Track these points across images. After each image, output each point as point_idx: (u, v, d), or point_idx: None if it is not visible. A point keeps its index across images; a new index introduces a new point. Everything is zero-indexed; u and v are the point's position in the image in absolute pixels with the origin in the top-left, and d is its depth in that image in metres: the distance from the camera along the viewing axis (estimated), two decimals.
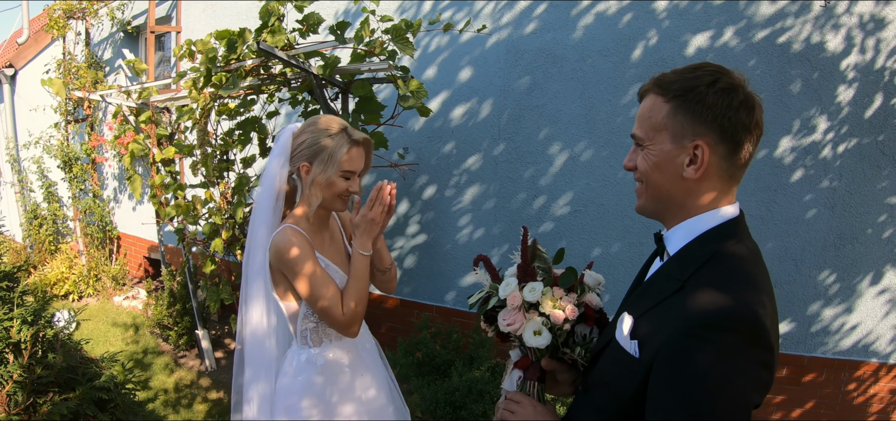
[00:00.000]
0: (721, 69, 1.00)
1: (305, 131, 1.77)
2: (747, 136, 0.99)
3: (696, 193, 1.02)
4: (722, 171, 1.01)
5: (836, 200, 3.29)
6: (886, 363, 3.37)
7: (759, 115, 1.00)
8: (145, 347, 4.60)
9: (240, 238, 3.67)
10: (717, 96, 0.97)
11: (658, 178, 1.04)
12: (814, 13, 3.19)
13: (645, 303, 1.05)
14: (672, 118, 1.00)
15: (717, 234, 1.01)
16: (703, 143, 0.98)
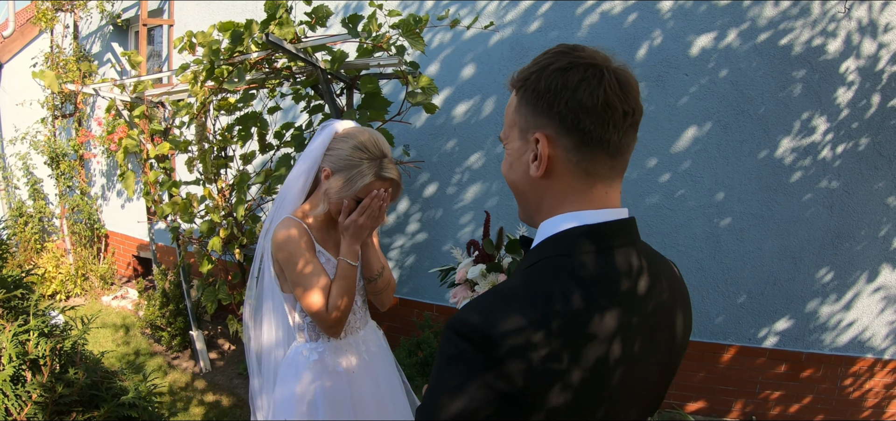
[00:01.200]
0: (569, 48, 0.82)
1: (348, 138, 1.68)
2: (596, 121, 0.78)
3: (547, 194, 0.85)
4: (572, 166, 0.82)
5: (835, 200, 3.26)
6: (881, 359, 3.36)
7: (613, 95, 0.78)
8: (137, 348, 4.36)
9: (238, 236, 3.49)
10: (551, 79, 0.79)
11: (512, 178, 0.90)
12: (814, 16, 3.16)
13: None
14: (517, 111, 0.86)
15: (556, 240, 0.82)
16: (541, 135, 0.81)
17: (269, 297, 1.81)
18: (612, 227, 0.83)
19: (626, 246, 0.83)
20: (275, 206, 1.81)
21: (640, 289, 0.82)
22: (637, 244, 0.86)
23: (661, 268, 0.90)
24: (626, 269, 0.82)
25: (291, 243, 1.63)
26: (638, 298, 0.81)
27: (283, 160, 3.11)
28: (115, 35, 5.80)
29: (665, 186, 3.40)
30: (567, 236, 0.81)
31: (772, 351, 3.42)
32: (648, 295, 0.84)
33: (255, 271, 1.90)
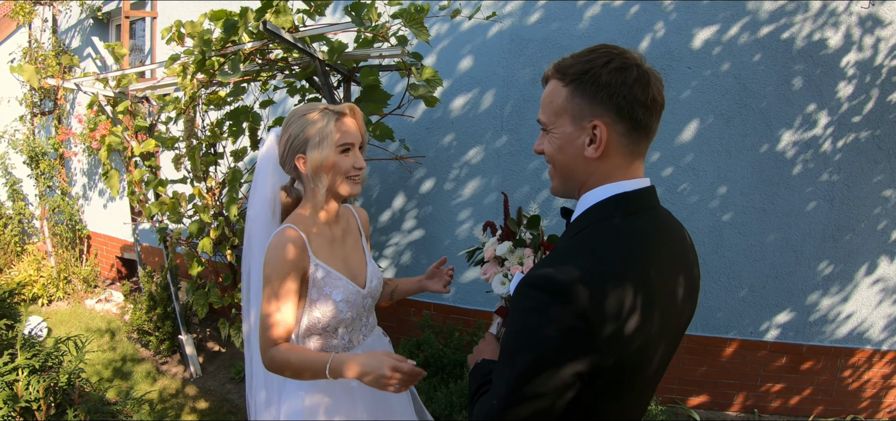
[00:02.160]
0: (614, 49, 0.97)
1: (288, 127, 1.52)
2: (644, 112, 0.96)
3: (597, 171, 1.00)
4: (622, 148, 0.98)
5: (835, 193, 3.16)
6: (880, 349, 3.29)
7: (657, 90, 0.96)
8: (123, 353, 4.08)
9: (230, 237, 3.24)
10: (611, 75, 0.94)
11: (562, 159, 1.02)
12: (815, 10, 3.05)
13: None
14: (571, 101, 0.98)
15: (599, 207, 0.99)
16: (600, 123, 0.96)
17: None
18: (641, 194, 1.00)
19: (651, 208, 1.02)
20: (245, 243, 1.64)
21: (665, 243, 1.00)
22: (659, 207, 1.05)
23: (678, 228, 1.08)
24: (654, 226, 1.00)
25: (276, 260, 1.45)
26: (663, 251, 0.98)
27: None
28: (96, 29, 5.44)
29: (668, 181, 3.27)
30: (608, 204, 0.98)
31: (773, 344, 3.32)
32: (671, 249, 1.01)
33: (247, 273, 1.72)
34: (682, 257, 1.04)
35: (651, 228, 0.99)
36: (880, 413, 3.38)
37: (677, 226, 1.08)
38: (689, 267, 1.05)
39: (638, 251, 0.94)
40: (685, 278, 1.02)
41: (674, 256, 1.01)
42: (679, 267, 1.02)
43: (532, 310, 0.89)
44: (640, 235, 0.96)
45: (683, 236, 1.08)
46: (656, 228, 1.00)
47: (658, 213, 1.03)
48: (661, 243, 0.99)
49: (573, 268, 0.89)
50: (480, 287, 3.60)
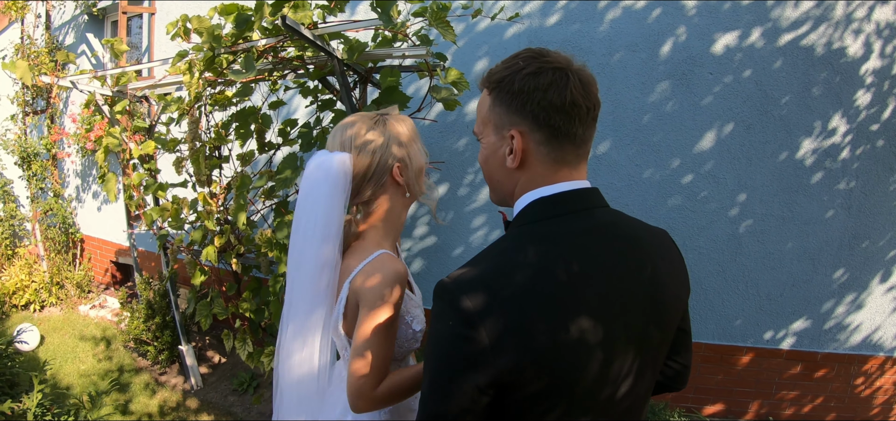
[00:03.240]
0: (537, 53, 0.87)
1: (368, 143, 1.23)
2: (563, 118, 0.85)
3: (520, 181, 0.91)
4: (543, 157, 0.88)
5: (852, 201, 3.00)
6: (892, 356, 3.14)
7: (577, 94, 0.84)
8: (120, 363, 3.73)
9: (235, 245, 2.94)
10: (524, 81, 0.85)
11: (488, 170, 0.96)
12: (837, 18, 2.88)
13: None
14: (492, 110, 0.90)
15: (521, 215, 0.90)
16: (516, 132, 0.87)
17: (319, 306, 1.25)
18: (566, 195, 0.88)
19: (584, 210, 0.88)
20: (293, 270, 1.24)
21: (600, 243, 0.85)
22: (597, 208, 0.89)
23: (628, 228, 0.90)
24: (583, 227, 0.86)
25: (387, 292, 1.16)
26: (594, 251, 0.84)
27: (289, 160, 2.59)
28: (91, 25, 5.03)
29: (687, 188, 3.07)
30: (530, 209, 0.88)
31: (788, 352, 3.15)
32: (609, 248, 0.85)
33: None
34: (628, 257, 0.87)
35: (579, 229, 0.85)
36: (890, 419, 3.24)
37: (634, 227, 0.92)
38: (639, 267, 0.87)
39: (552, 252, 0.82)
40: (635, 281, 0.86)
41: (612, 256, 0.85)
42: (621, 268, 0.85)
43: (435, 317, 0.82)
44: (559, 237, 0.84)
45: (642, 238, 0.91)
46: (587, 228, 0.86)
47: (593, 214, 0.88)
48: (593, 243, 0.84)
49: (470, 275, 0.81)
50: None
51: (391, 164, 1.22)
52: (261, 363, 2.92)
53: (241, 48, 2.33)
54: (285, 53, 2.55)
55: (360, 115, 1.27)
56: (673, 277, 0.93)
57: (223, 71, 2.55)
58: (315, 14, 2.22)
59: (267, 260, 2.73)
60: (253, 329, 3.00)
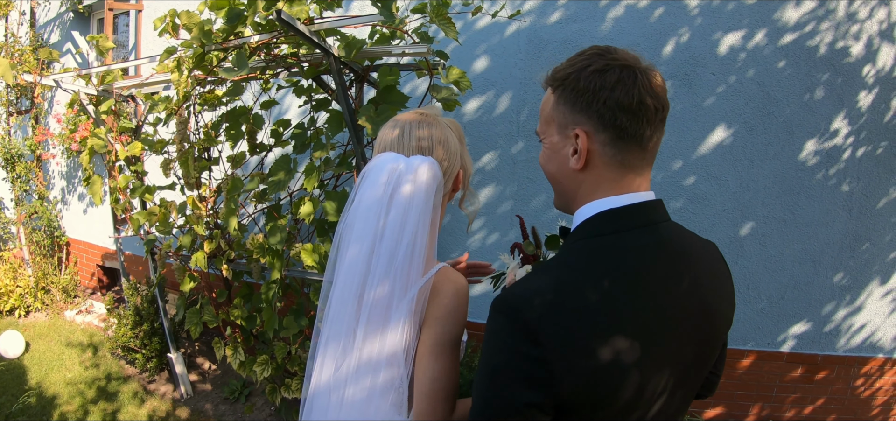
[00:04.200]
0: (604, 50, 0.81)
1: (446, 145, 1.06)
2: (630, 118, 0.78)
3: (584, 184, 0.84)
4: (608, 159, 0.81)
5: (853, 203, 2.91)
6: (891, 358, 3.06)
7: (645, 95, 0.77)
8: (108, 371, 3.51)
9: (225, 250, 2.76)
10: (589, 79, 0.79)
11: (551, 171, 0.89)
12: (839, 18, 2.78)
13: None
14: (556, 109, 0.84)
15: (587, 226, 0.83)
16: (581, 131, 0.81)
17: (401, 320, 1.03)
18: (633, 209, 0.82)
19: (650, 224, 0.82)
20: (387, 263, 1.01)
21: (662, 261, 0.80)
22: (661, 223, 0.84)
23: (690, 245, 0.86)
24: (646, 243, 0.80)
25: (462, 310, 1.02)
26: (656, 269, 0.79)
27: (281, 162, 2.42)
28: (76, 23, 4.78)
29: (690, 190, 2.95)
30: (595, 221, 0.82)
31: (789, 354, 3.06)
32: (672, 268, 0.80)
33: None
34: (689, 277, 0.82)
35: (643, 245, 0.80)
36: (890, 420, 3.16)
37: (691, 242, 0.87)
38: (695, 286, 0.82)
39: (617, 271, 0.76)
40: (691, 300, 0.81)
41: (672, 275, 0.80)
42: (679, 287, 0.81)
43: (492, 333, 0.76)
44: (624, 254, 0.78)
45: (697, 255, 0.86)
46: (650, 244, 0.80)
47: (658, 228, 0.83)
48: (655, 261, 0.79)
49: (534, 290, 0.75)
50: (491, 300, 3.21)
51: (458, 170, 1.09)
52: (253, 372, 2.75)
53: (232, 45, 2.16)
54: (278, 51, 2.38)
55: (418, 113, 1.09)
56: (723, 297, 0.89)
57: (213, 69, 2.37)
58: (311, 9, 2.06)
59: (259, 266, 2.56)
60: (245, 337, 2.82)
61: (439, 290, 1.01)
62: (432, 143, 1.04)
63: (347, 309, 1.02)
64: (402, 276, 0.99)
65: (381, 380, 1.00)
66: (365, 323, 1.01)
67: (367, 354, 1.01)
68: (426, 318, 1.01)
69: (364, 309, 1.01)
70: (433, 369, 0.98)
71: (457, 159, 1.08)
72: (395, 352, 1.00)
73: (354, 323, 1.01)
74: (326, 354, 1.04)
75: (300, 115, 3.23)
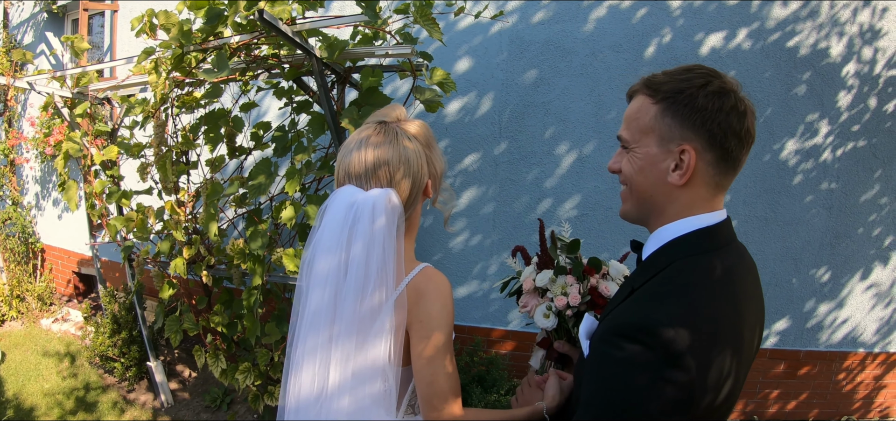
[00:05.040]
0: (713, 72, 0.85)
1: (403, 162, 1.05)
2: (737, 143, 0.83)
3: (679, 200, 0.86)
4: (708, 178, 0.85)
5: (834, 201, 2.97)
6: (872, 352, 3.13)
7: (751, 122, 0.84)
8: (86, 381, 3.44)
9: (205, 256, 2.71)
10: (707, 100, 0.82)
11: (642, 182, 0.89)
12: (820, 19, 2.83)
13: (607, 308, 0.96)
14: (660, 120, 0.85)
15: (684, 242, 0.85)
16: (690, 148, 0.83)
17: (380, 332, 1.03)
18: (724, 227, 0.87)
19: (732, 241, 0.89)
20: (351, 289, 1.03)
21: (746, 276, 0.87)
22: (735, 239, 0.91)
23: (748, 255, 0.92)
24: (735, 262, 0.86)
25: (449, 309, 1.05)
26: (747, 286, 0.85)
27: (262, 165, 2.39)
28: (50, 23, 4.68)
29: None
30: (692, 239, 0.85)
31: (772, 351, 3.11)
32: (751, 280, 0.88)
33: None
34: (757, 286, 0.90)
35: (734, 264, 0.85)
36: (871, 413, 3.24)
37: (750, 256, 0.93)
38: (761, 295, 0.91)
39: (731, 298, 0.81)
40: (760, 309, 0.90)
41: (753, 287, 0.88)
42: (757, 299, 0.89)
43: (623, 360, 0.75)
44: (729, 275, 0.83)
45: (753, 264, 0.93)
46: (738, 262, 0.87)
47: (736, 244, 0.90)
48: (744, 278, 0.86)
49: (671, 315, 0.75)
50: (476, 303, 3.22)
51: (425, 181, 1.09)
52: (236, 380, 2.72)
53: (212, 45, 2.13)
54: (259, 52, 2.35)
55: (375, 129, 1.08)
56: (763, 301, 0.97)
57: (192, 70, 2.34)
58: (294, 9, 2.04)
59: (239, 271, 2.52)
60: (226, 344, 2.79)
61: (423, 292, 1.03)
62: (390, 170, 1.04)
63: (322, 322, 1.03)
64: (373, 302, 1.00)
65: (367, 393, 1.01)
66: (341, 338, 1.01)
67: (349, 369, 1.01)
68: (412, 322, 1.03)
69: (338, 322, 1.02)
70: (429, 373, 1.01)
71: (422, 172, 1.07)
72: (376, 364, 1.01)
73: (329, 341, 1.02)
74: (303, 368, 1.04)
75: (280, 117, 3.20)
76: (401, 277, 1.03)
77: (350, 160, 1.06)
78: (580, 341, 0.98)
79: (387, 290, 1.01)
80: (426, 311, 1.02)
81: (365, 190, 1.04)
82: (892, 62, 2.86)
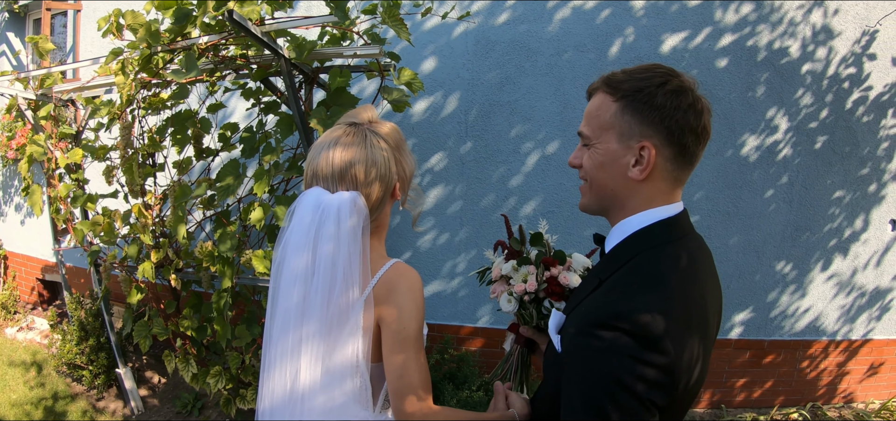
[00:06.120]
0: (672, 71, 0.91)
1: (370, 165, 1.10)
2: (694, 140, 0.90)
3: (639, 194, 0.93)
4: (667, 173, 0.92)
5: (794, 195, 3.16)
6: (834, 340, 3.33)
7: (707, 120, 0.91)
8: (54, 390, 3.45)
9: (173, 260, 2.77)
10: (666, 98, 0.88)
11: (602, 177, 0.95)
12: (776, 19, 3.00)
13: (574, 300, 1.02)
14: (620, 118, 0.91)
15: (647, 234, 0.92)
16: (649, 144, 0.89)
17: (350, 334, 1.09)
18: (682, 218, 0.94)
19: (691, 230, 0.96)
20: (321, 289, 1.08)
21: (706, 263, 0.94)
22: (693, 230, 0.97)
23: (705, 245, 0.98)
24: (696, 249, 0.93)
25: (420, 305, 1.09)
26: (707, 272, 0.92)
27: (230, 167, 2.46)
28: (11, 23, 4.65)
29: None
30: (655, 230, 0.91)
31: (737, 341, 3.28)
32: (710, 267, 0.95)
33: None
34: (715, 273, 0.97)
35: (695, 253, 0.92)
36: (836, 399, 3.43)
37: (704, 241, 0.99)
38: (719, 282, 0.98)
39: (698, 285, 0.88)
40: (719, 296, 0.97)
41: (712, 275, 0.95)
42: (716, 286, 0.96)
43: (606, 348, 0.79)
44: (693, 263, 0.89)
45: (709, 251, 0.99)
46: (698, 251, 0.93)
47: (695, 234, 0.96)
48: (704, 266, 0.92)
49: (646, 303, 0.81)
50: (444, 301, 3.32)
51: (394, 183, 1.14)
52: (207, 384, 2.77)
53: (180, 46, 2.19)
54: (226, 52, 2.42)
55: (345, 130, 1.12)
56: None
57: (159, 71, 2.40)
58: (263, 9, 2.11)
59: (208, 274, 2.59)
60: (196, 348, 2.85)
61: (394, 287, 1.07)
62: (358, 172, 1.08)
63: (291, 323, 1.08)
64: (342, 301, 1.06)
65: (341, 391, 1.06)
66: (311, 338, 1.06)
67: (320, 368, 1.06)
68: (383, 316, 1.07)
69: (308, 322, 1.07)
70: (399, 366, 1.05)
71: (391, 174, 1.11)
72: (349, 362, 1.06)
73: (299, 342, 1.07)
74: (275, 370, 1.09)
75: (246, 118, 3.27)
76: (370, 276, 1.08)
77: (318, 162, 1.10)
78: (550, 335, 1.01)
79: (356, 288, 1.06)
80: (397, 304, 1.06)
81: (332, 192, 1.08)
82: (847, 61, 3.05)
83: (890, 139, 3.18)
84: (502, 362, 1.38)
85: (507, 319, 1.35)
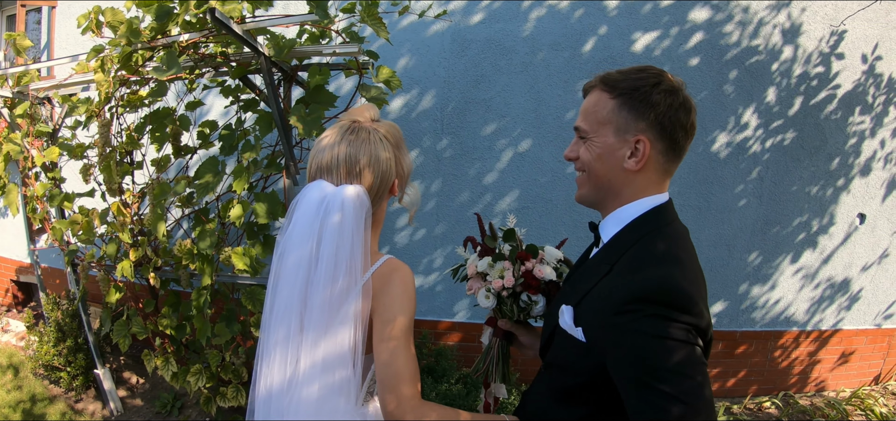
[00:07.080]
0: (662, 72, 1.03)
1: (373, 161, 1.17)
2: (683, 135, 1.03)
3: (633, 184, 1.05)
4: (658, 166, 1.04)
5: (764, 190, 3.33)
6: (804, 330, 3.51)
7: (694, 117, 1.04)
8: (32, 393, 3.50)
9: (152, 258, 2.84)
10: (660, 96, 1.00)
11: (600, 168, 1.06)
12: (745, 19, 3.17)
13: (582, 289, 1.07)
14: (617, 114, 1.03)
15: (644, 220, 1.04)
16: (644, 138, 1.01)
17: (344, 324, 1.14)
18: (671, 205, 1.08)
19: (678, 218, 1.09)
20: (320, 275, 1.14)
21: (691, 244, 1.06)
22: (678, 217, 1.10)
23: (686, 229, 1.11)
24: (684, 232, 1.06)
25: (413, 299, 1.17)
26: (693, 250, 1.05)
27: (209, 164, 2.55)
28: None
29: None
30: (651, 217, 1.04)
31: None
32: (692, 247, 1.07)
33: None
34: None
35: (685, 235, 1.05)
36: (808, 387, 3.62)
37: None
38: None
39: (696, 260, 1.03)
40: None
41: (694, 253, 1.07)
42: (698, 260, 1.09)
43: (667, 320, 0.89)
44: (686, 243, 1.03)
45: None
46: (684, 230, 1.07)
47: (678, 218, 1.09)
48: (689, 241, 1.06)
49: (674, 275, 0.93)
50: (422, 296, 3.42)
51: (393, 179, 1.22)
52: (188, 383, 2.84)
53: (160, 43, 2.28)
54: (206, 50, 2.51)
55: (350, 127, 1.19)
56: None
57: (139, 68, 2.47)
58: (244, 7, 2.20)
59: (187, 272, 2.67)
60: (175, 347, 2.92)
61: (387, 280, 1.15)
62: (360, 167, 1.16)
63: (293, 312, 1.14)
64: (342, 291, 1.13)
65: (333, 379, 1.12)
66: (310, 327, 1.13)
67: (317, 356, 1.13)
68: (376, 308, 1.14)
69: (309, 312, 1.14)
70: (388, 355, 1.10)
71: (390, 172, 1.19)
72: (343, 351, 1.12)
73: (299, 331, 1.14)
74: (274, 358, 1.16)
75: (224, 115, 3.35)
76: (367, 268, 1.15)
77: (323, 156, 1.18)
78: (568, 331, 1.06)
79: (354, 279, 1.13)
80: (390, 296, 1.13)
81: (335, 185, 1.16)
82: (814, 59, 3.23)
83: (857, 135, 3.37)
84: (483, 356, 1.45)
85: (484, 313, 1.44)
